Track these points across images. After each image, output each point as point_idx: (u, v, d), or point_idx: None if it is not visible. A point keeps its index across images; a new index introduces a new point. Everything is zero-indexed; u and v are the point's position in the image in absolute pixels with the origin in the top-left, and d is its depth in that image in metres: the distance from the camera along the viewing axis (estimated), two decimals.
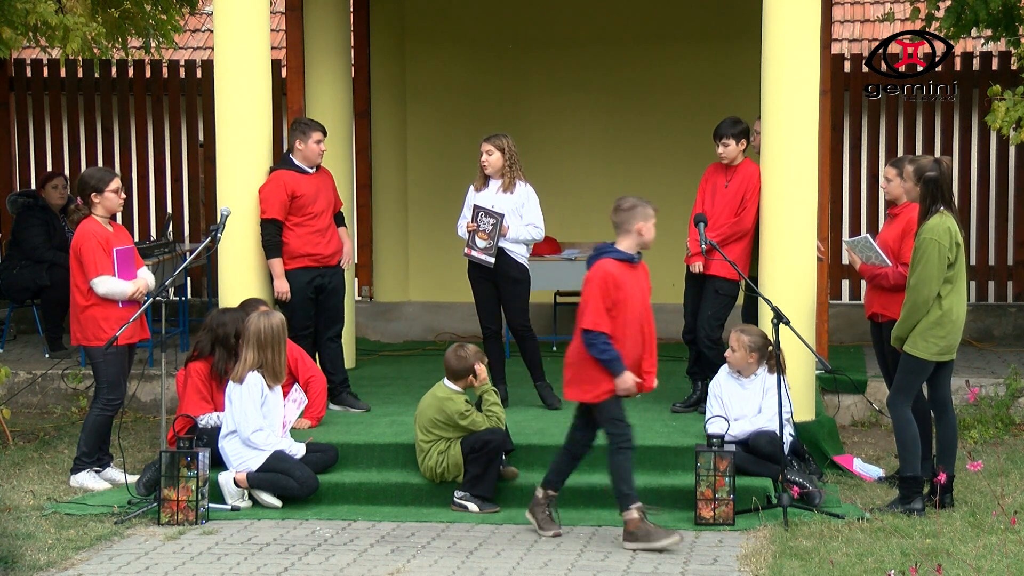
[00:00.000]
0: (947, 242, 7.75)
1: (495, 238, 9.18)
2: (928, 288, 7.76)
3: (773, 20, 8.91)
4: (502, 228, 9.14)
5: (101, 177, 8.61)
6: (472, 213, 9.23)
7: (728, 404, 8.42)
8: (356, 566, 7.05)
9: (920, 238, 7.82)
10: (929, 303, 7.77)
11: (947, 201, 7.83)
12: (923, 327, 7.82)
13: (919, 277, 7.79)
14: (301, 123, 9.33)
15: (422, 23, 13.00)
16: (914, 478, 7.90)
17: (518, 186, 9.29)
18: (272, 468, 8.14)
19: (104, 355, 8.46)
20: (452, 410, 8.11)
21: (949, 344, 7.88)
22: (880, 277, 8.49)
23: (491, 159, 9.27)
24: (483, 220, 9.18)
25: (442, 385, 8.26)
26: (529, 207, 9.29)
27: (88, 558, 7.23)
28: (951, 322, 7.83)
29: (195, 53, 15.54)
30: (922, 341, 7.83)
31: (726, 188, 9.21)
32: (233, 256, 9.28)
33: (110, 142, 13.57)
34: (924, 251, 7.77)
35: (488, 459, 8.01)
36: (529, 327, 9.38)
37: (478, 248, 9.23)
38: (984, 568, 6.76)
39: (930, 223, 7.80)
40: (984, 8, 10.03)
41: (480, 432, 8.08)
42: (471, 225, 9.22)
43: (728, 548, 7.32)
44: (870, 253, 8.55)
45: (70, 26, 9.95)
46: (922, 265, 7.77)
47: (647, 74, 12.64)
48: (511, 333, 9.45)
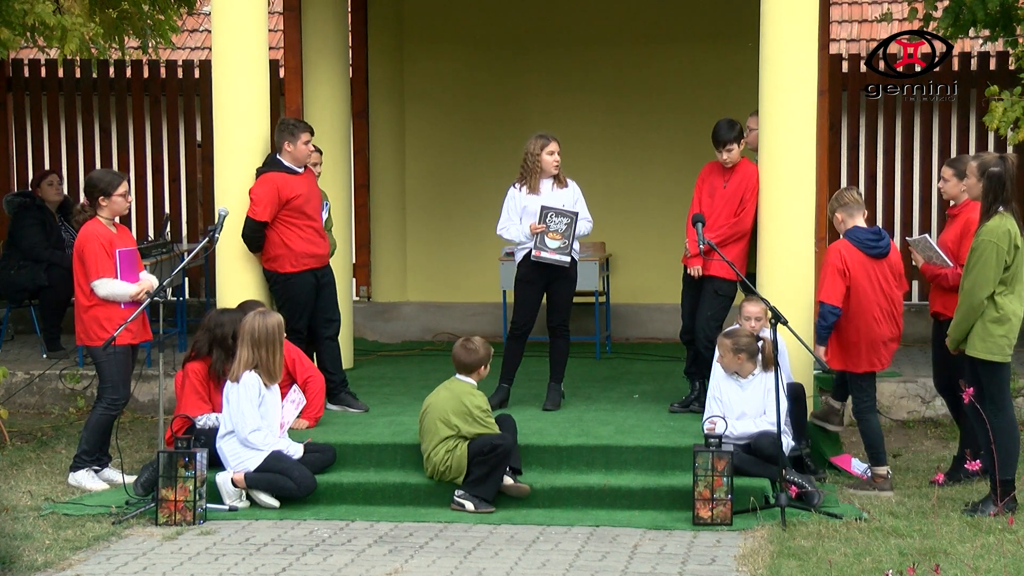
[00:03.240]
0: (1006, 245, 7.70)
1: (570, 237, 9.13)
2: (984, 291, 7.71)
3: (771, 20, 8.92)
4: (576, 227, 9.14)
5: (110, 181, 8.60)
6: (540, 214, 9.14)
7: (728, 405, 8.41)
8: (354, 566, 7.05)
9: (978, 239, 7.75)
10: (984, 306, 7.73)
11: (1008, 200, 7.77)
12: (981, 329, 7.76)
13: (975, 280, 7.73)
14: (289, 124, 9.26)
15: (420, 23, 13.00)
16: (1011, 482, 7.85)
17: (569, 183, 9.32)
18: (270, 468, 8.14)
19: (107, 355, 8.46)
20: (472, 404, 8.11)
21: (1011, 342, 7.82)
22: (940, 277, 8.49)
23: (559, 157, 9.25)
24: (554, 220, 9.12)
25: (456, 379, 8.26)
26: (582, 202, 9.32)
27: (86, 558, 7.23)
28: (1009, 320, 7.77)
29: (193, 53, 15.55)
30: (981, 343, 7.77)
31: (724, 188, 9.20)
32: (231, 256, 9.27)
33: (108, 142, 13.56)
34: (981, 253, 7.71)
35: (495, 463, 8.00)
36: (568, 327, 9.39)
37: (549, 249, 9.13)
38: (982, 568, 6.76)
39: (990, 224, 7.74)
40: (982, 8, 10.03)
41: (490, 436, 8.08)
42: (538, 227, 9.13)
43: (726, 548, 7.32)
44: (930, 253, 8.54)
45: (68, 26, 9.95)
46: (978, 268, 7.72)
47: (646, 74, 12.65)
48: (550, 331, 9.39)
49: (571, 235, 9.13)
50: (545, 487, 8.14)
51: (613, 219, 12.41)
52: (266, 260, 9.27)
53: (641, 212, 12.65)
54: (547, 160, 9.21)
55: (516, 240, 9.25)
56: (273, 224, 9.16)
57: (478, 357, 8.23)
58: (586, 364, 11.19)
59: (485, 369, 8.29)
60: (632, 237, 12.63)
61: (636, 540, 7.48)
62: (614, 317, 12.39)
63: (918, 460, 9.26)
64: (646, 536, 7.56)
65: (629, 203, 12.64)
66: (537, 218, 9.12)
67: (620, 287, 12.56)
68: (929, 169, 12.71)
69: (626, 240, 12.62)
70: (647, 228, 12.59)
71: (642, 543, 7.43)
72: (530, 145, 9.25)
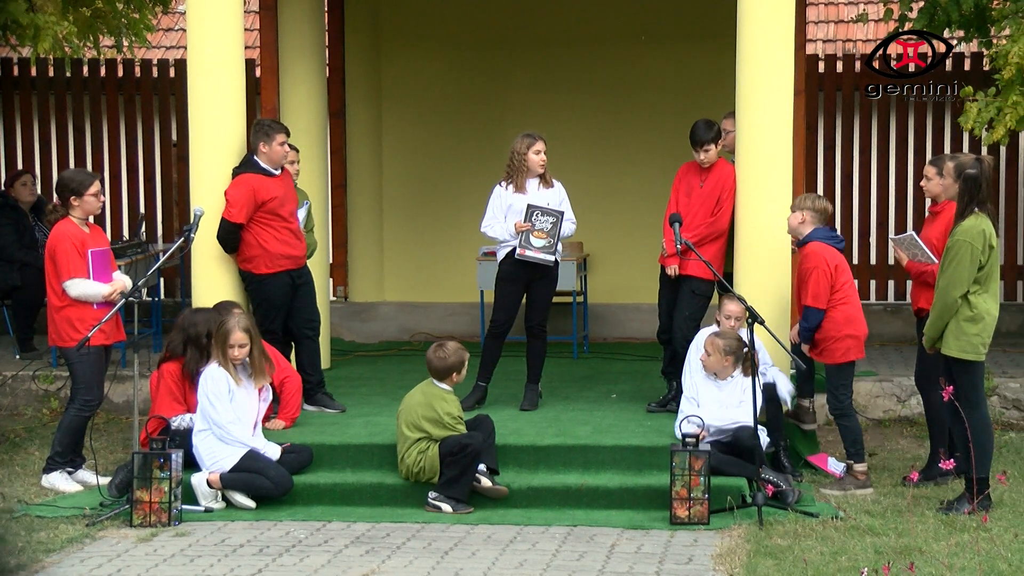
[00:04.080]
0: (980, 245, 7.73)
1: (555, 236, 9.14)
2: (957, 290, 7.74)
3: (748, 21, 8.93)
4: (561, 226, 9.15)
5: (81, 180, 8.56)
6: (526, 212, 9.14)
7: (705, 405, 8.42)
8: (331, 567, 7.02)
9: (953, 239, 7.80)
10: (958, 305, 7.76)
11: (983, 201, 7.81)
12: (955, 328, 7.79)
13: (949, 279, 7.77)
14: (264, 125, 9.22)
15: (397, 22, 12.98)
16: (985, 480, 7.86)
17: (555, 183, 9.34)
18: (245, 468, 8.11)
19: (80, 356, 8.41)
20: (443, 410, 8.09)
21: (985, 341, 7.85)
22: (926, 274, 8.50)
23: (545, 157, 9.25)
24: (540, 219, 9.12)
25: (431, 383, 8.24)
26: (567, 202, 9.33)
27: (59, 560, 7.18)
28: (983, 319, 7.81)
29: (168, 52, 15.48)
30: (955, 341, 7.80)
31: (701, 188, 9.22)
32: (206, 256, 9.23)
33: (82, 142, 13.50)
34: (956, 253, 7.74)
35: (466, 463, 7.98)
36: (546, 327, 9.39)
37: (534, 247, 9.13)
38: (956, 566, 6.78)
39: (965, 224, 7.78)
40: (956, 9, 10.08)
41: (459, 436, 8.06)
42: (524, 225, 9.13)
43: (703, 547, 7.32)
44: (916, 250, 8.57)
45: (41, 25, 9.90)
46: (953, 267, 7.75)
47: (626, 74, 12.66)
48: (527, 331, 9.38)
49: (556, 234, 9.13)
50: (523, 487, 8.13)
51: (591, 219, 12.40)
52: (242, 261, 9.24)
53: (619, 212, 12.66)
54: (533, 159, 9.22)
55: (500, 238, 9.25)
56: (249, 225, 9.12)
57: (447, 364, 8.19)
58: (564, 364, 11.19)
59: (459, 375, 8.24)
60: (610, 237, 12.64)
61: (613, 540, 7.47)
62: (592, 317, 12.39)
63: (893, 459, 9.29)
64: (623, 536, 7.55)
65: (607, 203, 12.65)
66: (523, 216, 9.12)
67: (598, 287, 12.56)
68: (905, 169, 12.76)
69: (604, 240, 12.63)
70: (625, 228, 12.60)
71: (619, 542, 7.43)
72: (517, 144, 9.26)
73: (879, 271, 12.76)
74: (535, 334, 9.35)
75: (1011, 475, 8.60)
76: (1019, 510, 7.90)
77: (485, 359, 9.37)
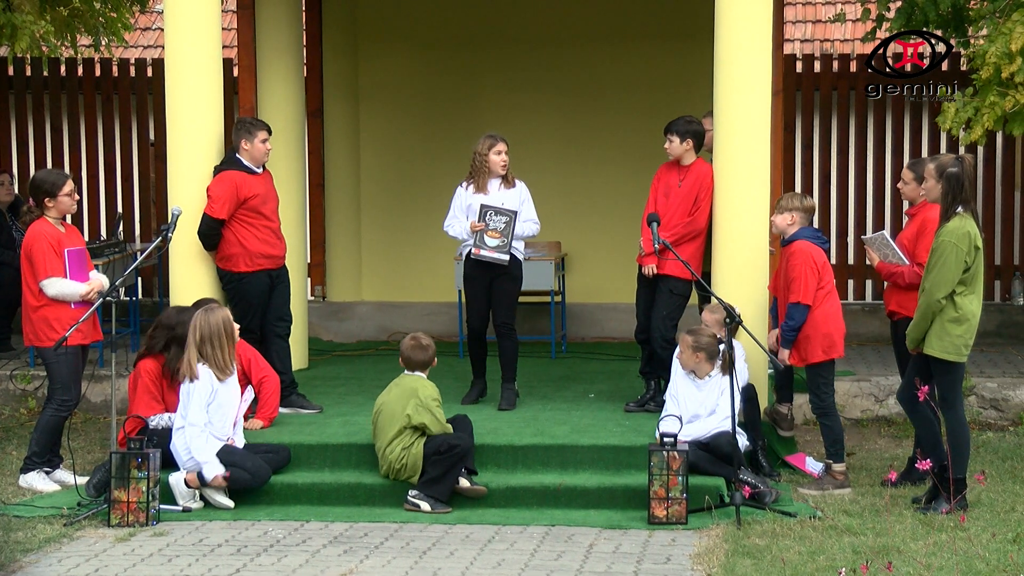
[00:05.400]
0: (965, 246, 7.72)
1: (508, 236, 9.16)
2: (941, 292, 7.73)
3: (725, 21, 8.95)
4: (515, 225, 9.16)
5: (54, 181, 8.53)
6: (479, 212, 9.16)
7: (684, 404, 8.43)
8: (309, 567, 7.01)
9: (939, 240, 7.77)
10: (942, 306, 7.77)
11: (967, 200, 7.81)
12: (939, 328, 7.79)
13: (934, 280, 7.76)
14: (246, 123, 9.23)
15: (375, 21, 12.96)
16: (962, 480, 7.89)
17: (517, 183, 9.34)
18: (222, 462, 8.08)
19: (57, 356, 8.38)
20: (424, 394, 8.10)
21: (967, 342, 7.87)
22: (896, 275, 8.50)
23: (507, 158, 9.25)
24: (493, 219, 9.14)
25: (406, 375, 8.26)
26: (528, 203, 9.33)
27: (36, 560, 7.15)
28: (968, 320, 7.81)
29: (146, 51, 15.43)
30: (938, 341, 7.80)
31: (679, 187, 9.23)
32: (184, 256, 9.21)
33: (60, 141, 13.44)
34: (942, 254, 7.73)
35: (451, 463, 7.98)
36: (513, 326, 9.39)
37: (488, 247, 9.17)
38: (934, 565, 6.80)
39: (950, 226, 7.76)
40: (934, 9, 10.11)
41: (447, 435, 8.06)
42: (478, 225, 9.15)
43: (681, 547, 7.33)
44: (887, 251, 8.56)
45: (18, 24, 9.86)
46: (938, 268, 7.74)
47: (601, 73, 12.66)
48: (495, 331, 9.39)
49: (509, 233, 9.15)
50: (501, 487, 8.13)
51: (568, 218, 12.43)
52: (220, 259, 9.22)
53: (596, 212, 12.67)
54: (494, 160, 9.23)
55: (460, 237, 9.33)
56: (229, 223, 9.12)
57: (427, 356, 8.28)
58: (541, 364, 11.19)
59: (432, 365, 8.36)
60: (587, 236, 12.64)
61: (592, 539, 7.48)
62: (569, 316, 12.40)
63: (872, 459, 9.31)
64: (601, 535, 7.56)
65: (584, 202, 12.66)
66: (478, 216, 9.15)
67: (575, 286, 12.56)
68: (883, 168, 12.80)
69: (581, 239, 12.63)
70: (602, 227, 12.60)
71: (597, 542, 7.43)
72: (479, 145, 9.29)
73: (856, 271, 12.79)
74: (502, 333, 9.37)
75: (989, 475, 8.63)
76: (997, 510, 7.93)
77: (473, 358, 9.50)
